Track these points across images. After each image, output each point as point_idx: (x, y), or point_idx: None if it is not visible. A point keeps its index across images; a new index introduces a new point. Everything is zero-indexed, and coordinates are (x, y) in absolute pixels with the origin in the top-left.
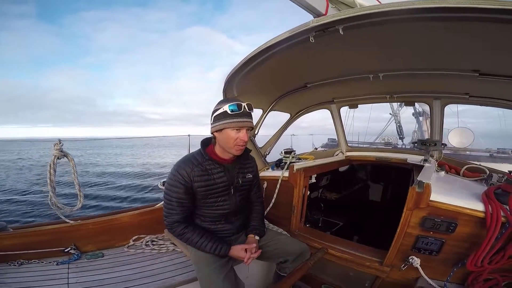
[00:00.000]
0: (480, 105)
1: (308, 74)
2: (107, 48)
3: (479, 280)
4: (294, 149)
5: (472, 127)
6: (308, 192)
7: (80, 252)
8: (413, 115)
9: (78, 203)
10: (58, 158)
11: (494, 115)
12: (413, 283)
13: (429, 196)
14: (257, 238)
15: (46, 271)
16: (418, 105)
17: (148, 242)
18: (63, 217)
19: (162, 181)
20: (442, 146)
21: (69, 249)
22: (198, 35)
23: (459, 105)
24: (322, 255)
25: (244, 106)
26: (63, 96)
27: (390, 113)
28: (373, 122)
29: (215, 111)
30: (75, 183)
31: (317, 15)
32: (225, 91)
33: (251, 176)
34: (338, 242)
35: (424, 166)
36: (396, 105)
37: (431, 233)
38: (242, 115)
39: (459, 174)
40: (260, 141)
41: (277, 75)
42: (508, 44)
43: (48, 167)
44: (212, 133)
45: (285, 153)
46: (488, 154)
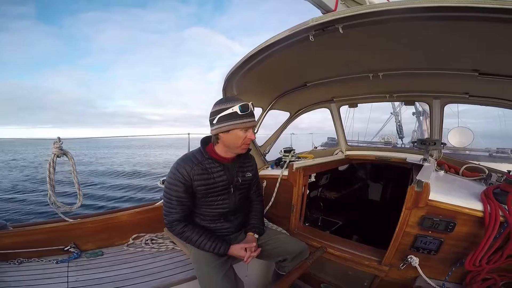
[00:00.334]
0: (480, 104)
1: (307, 73)
2: (107, 48)
3: (477, 279)
4: (293, 148)
5: (472, 127)
6: (308, 191)
7: (79, 251)
8: (413, 114)
9: (77, 202)
10: (57, 157)
11: (494, 115)
12: (411, 282)
13: (428, 195)
14: (256, 236)
15: (45, 269)
16: (418, 104)
17: (147, 240)
18: (62, 216)
19: (162, 179)
20: (442, 146)
21: (69, 247)
22: (198, 36)
23: (459, 105)
24: (321, 254)
25: (250, 106)
26: (63, 97)
27: (391, 112)
28: (372, 123)
29: (219, 111)
30: (74, 181)
31: (327, 11)
32: (224, 89)
33: (250, 175)
34: (337, 241)
35: (423, 165)
36: (397, 104)
37: (430, 232)
38: (251, 115)
39: (458, 174)
40: (260, 140)
41: (277, 73)
42: (507, 44)
43: (48, 165)
44: (215, 134)
45: (285, 152)
46: (487, 154)
